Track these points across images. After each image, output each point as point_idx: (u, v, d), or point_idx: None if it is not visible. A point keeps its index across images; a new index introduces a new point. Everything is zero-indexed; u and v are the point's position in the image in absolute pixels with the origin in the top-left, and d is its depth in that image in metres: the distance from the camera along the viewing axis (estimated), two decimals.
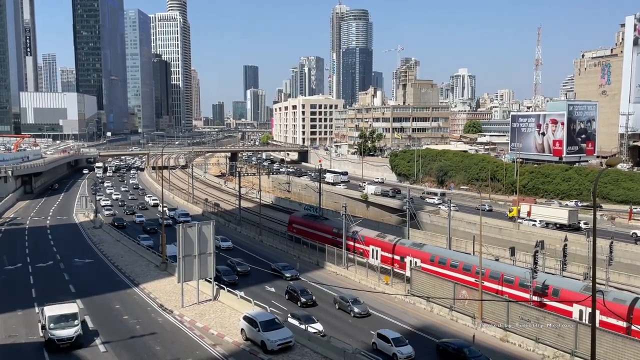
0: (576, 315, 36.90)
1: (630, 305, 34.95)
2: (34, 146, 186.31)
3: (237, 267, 53.49)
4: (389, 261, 53.90)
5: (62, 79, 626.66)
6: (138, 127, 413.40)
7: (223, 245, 64.58)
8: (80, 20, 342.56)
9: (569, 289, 39.15)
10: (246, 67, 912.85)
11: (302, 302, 43.64)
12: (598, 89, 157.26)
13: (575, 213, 79.48)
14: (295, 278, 51.16)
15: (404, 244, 54.70)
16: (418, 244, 55.07)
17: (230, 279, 48.97)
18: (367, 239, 57.63)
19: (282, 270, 52.68)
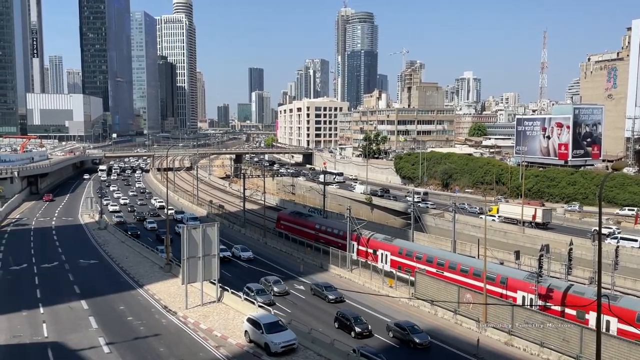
0: (519, 300, 41.50)
1: (564, 292, 39.26)
2: (39, 147, 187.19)
3: (273, 287, 46.77)
4: (364, 254, 58.42)
5: (69, 81, 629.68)
6: (143, 128, 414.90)
7: (244, 255, 60.30)
8: (87, 22, 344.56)
9: (514, 277, 43.54)
10: (251, 69, 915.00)
11: (357, 333, 36.88)
12: (604, 92, 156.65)
13: (549, 212, 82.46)
14: (341, 300, 45.01)
15: (377, 238, 58.51)
16: (389, 238, 58.64)
17: (265, 299, 42.35)
18: (346, 234, 60.75)
19: (324, 291, 45.96)
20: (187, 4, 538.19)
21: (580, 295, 38.35)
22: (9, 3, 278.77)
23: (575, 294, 38.74)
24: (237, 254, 59.98)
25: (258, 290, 43.91)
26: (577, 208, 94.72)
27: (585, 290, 39.27)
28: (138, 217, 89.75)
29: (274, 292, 45.98)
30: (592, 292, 38.02)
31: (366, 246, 58.76)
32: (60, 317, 39.05)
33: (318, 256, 59.69)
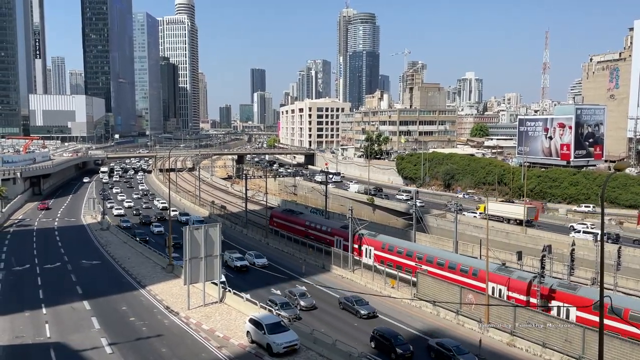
0: (490, 291, 42.61)
1: (529, 283, 41.77)
2: (42, 148, 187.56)
3: (299, 300, 43.40)
4: (348, 249, 59.28)
5: (71, 82, 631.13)
6: (145, 129, 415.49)
7: (258, 262, 57.96)
8: (89, 24, 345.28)
9: (485, 269, 44.02)
10: (253, 70, 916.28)
11: (398, 355, 33.55)
12: (606, 92, 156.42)
13: (533, 210, 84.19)
14: (374, 316, 41.58)
15: (363, 234, 60.43)
16: (372, 234, 60.72)
17: (290, 313, 39.50)
18: (333, 231, 65.08)
19: (355, 305, 42.66)
20: (189, 5, 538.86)
21: (571, 291, 40.20)
22: (12, 4, 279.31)
23: (566, 290, 40.40)
24: (251, 260, 58.25)
25: (282, 304, 40.69)
26: (591, 209, 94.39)
27: (547, 281, 41.45)
28: (144, 221, 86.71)
29: (300, 306, 42.53)
30: (555, 282, 41.68)
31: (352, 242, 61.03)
32: (62, 318, 39.13)
33: (320, 257, 59.70)
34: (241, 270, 55.57)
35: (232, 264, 56.94)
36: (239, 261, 57.12)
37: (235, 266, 56.38)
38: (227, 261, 56.99)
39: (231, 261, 57.33)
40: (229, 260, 57.41)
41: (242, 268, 55.91)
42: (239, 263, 56.76)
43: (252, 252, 60.88)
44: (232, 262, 57.11)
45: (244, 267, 56.30)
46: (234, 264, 56.72)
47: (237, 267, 56.17)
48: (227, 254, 57.46)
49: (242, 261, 57.13)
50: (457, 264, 48.69)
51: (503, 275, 44.06)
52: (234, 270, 55.50)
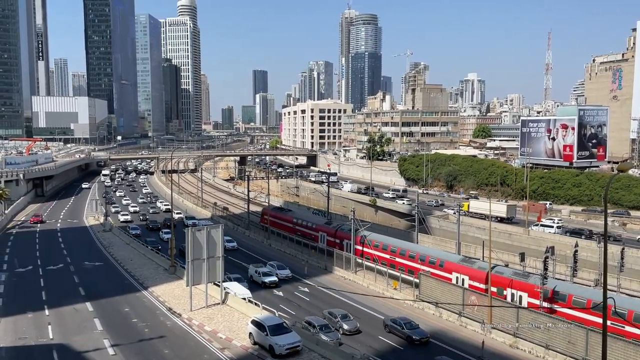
0: (454, 279, 46.94)
1: (487, 272, 43.78)
2: (45, 150, 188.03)
3: (342, 323, 38.51)
4: (332, 244, 63.20)
5: (74, 83, 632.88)
6: (148, 131, 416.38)
7: (281, 274, 52.75)
8: (92, 25, 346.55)
9: (451, 261, 49.39)
10: (255, 71, 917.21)
11: None
12: (609, 93, 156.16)
13: (513, 208, 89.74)
14: (426, 341, 37.16)
15: (344, 229, 62.95)
16: (355, 229, 61.82)
17: (332, 337, 35.21)
18: (318, 227, 68.20)
19: (404, 329, 37.63)
20: (191, 6, 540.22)
21: (500, 274, 44.54)
22: (15, 6, 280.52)
23: (497, 274, 44.43)
24: (274, 272, 52.70)
25: (321, 326, 36.38)
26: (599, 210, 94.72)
27: (504, 271, 45.57)
28: (151, 226, 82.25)
29: (343, 330, 38.02)
30: (510, 272, 45.57)
31: (334, 237, 64.09)
32: (65, 319, 39.16)
33: (322, 258, 59.67)
34: (270, 287, 49.95)
35: (259, 279, 50.98)
36: (268, 277, 50.84)
37: (264, 282, 50.33)
38: (252, 276, 52.07)
39: (258, 276, 51.35)
40: (254, 276, 51.82)
41: (271, 284, 50.10)
42: (267, 279, 50.49)
43: (274, 263, 55.87)
44: (259, 278, 51.08)
45: (272, 283, 50.42)
46: (262, 280, 50.58)
47: (266, 284, 50.15)
48: (252, 268, 52.97)
49: (271, 276, 50.98)
50: (427, 256, 52.16)
51: (466, 266, 47.74)
52: (262, 287, 49.75)
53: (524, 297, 41.94)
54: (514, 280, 43.20)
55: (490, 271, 43.13)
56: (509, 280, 43.49)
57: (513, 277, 43.64)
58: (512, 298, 42.50)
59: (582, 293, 40.29)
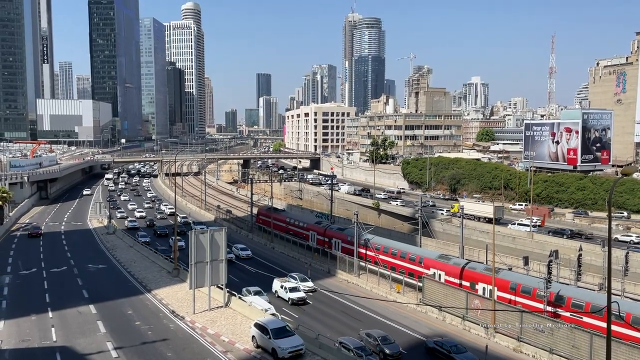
0: (431, 274, 49.36)
1: (462, 267, 47.99)
2: (49, 152, 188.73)
3: (383, 347, 34.81)
4: (322, 242, 66.59)
5: (78, 86, 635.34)
6: (152, 134, 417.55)
7: (305, 287, 49.03)
8: (97, 29, 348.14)
9: (429, 257, 52.32)
10: (259, 74, 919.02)
11: None
12: (613, 97, 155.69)
13: (500, 209, 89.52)
14: None
15: (332, 228, 66.98)
16: (341, 228, 66.40)
17: None
18: (309, 226, 70.89)
19: (452, 354, 34.01)
20: (195, 10, 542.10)
21: (473, 270, 47.27)
22: (20, 10, 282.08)
23: (470, 269, 47.44)
24: (298, 286, 48.38)
25: (358, 349, 33.19)
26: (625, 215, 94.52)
27: (476, 266, 48.23)
28: (159, 232, 79.18)
29: (384, 355, 34.37)
30: (482, 267, 48.06)
31: (324, 235, 66.74)
32: (68, 322, 39.24)
33: (325, 261, 59.66)
34: (298, 304, 45.62)
35: (285, 295, 46.50)
36: (294, 292, 46.25)
37: (291, 299, 45.73)
38: (276, 292, 47.81)
39: (284, 292, 46.77)
40: (279, 292, 47.42)
41: (300, 302, 45.67)
42: (295, 295, 45.92)
43: (296, 274, 51.73)
44: (285, 294, 46.54)
45: (301, 300, 45.86)
46: (288, 296, 46.03)
47: (294, 301, 45.58)
48: (276, 283, 48.43)
49: (298, 292, 46.52)
50: (407, 253, 54.86)
51: (443, 262, 50.51)
52: (289, 304, 45.57)
53: (494, 291, 43.36)
54: (484, 275, 45.61)
55: (464, 267, 47.05)
56: (481, 275, 46.11)
57: (484, 272, 46.11)
58: (483, 291, 44.87)
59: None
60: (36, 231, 77.78)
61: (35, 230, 78.06)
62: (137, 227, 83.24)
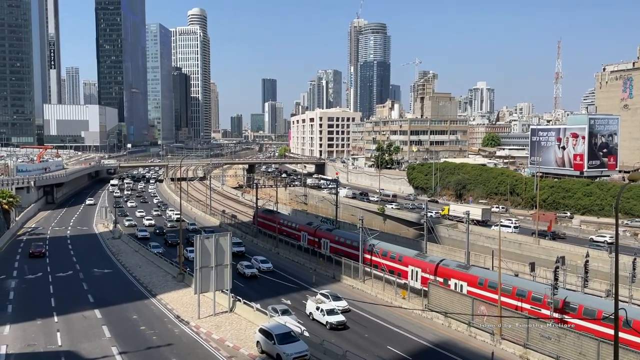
0: (410, 272, 52.79)
1: (437, 264, 50.82)
2: (56, 157, 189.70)
3: None
4: (312, 242, 70.46)
5: (85, 92, 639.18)
6: (158, 139, 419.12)
7: (339, 305, 43.51)
8: (104, 35, 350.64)
9: (408, 255, 55.06)
10: (264, 80, 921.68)
11: None
12: (620, 102, 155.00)
13: (488, 211, 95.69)
14: None
15: (322, 229, 71.16)
16: (330, 229, 71.77)
17: None
18: (300, 227, 75.30)
19: None
20: (201, 16, 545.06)
21: (447, 267, 50.12)
22: (28, 15, 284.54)
23: (444, 266, 50.31)
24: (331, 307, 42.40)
25: None
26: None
27: (449, 264, 50.74)
28: (170, 242, 75.46)
29: None
30: (454, 264, 50.80)
31: (314, 236, 70.68)
32: (74, 326, 39.27)
33: (330, 267, 59.47)
34: (337, 329, 40.14)
35: (322, 319, 40.83)
36: (333, 316, 40.51)
37: (330, 323, 40.18)
38: (311, 314, 42.38)
39: (320, 314, 41.25)
40: (315, 314, 41.86)
41: (339, 326, 40.10)
42: (334, 319, 40.22)
43: (327, 292, 46.62)
44: (322, 317, 40.97)
45: (341, 324, 40.23)
46: (326, 320, 40.43)
47: (333, 325, 40.03)
48: (311, 304, 42.80)
49: (337, 315, 40.87)
50: (388, 251, 57.63)
51: (420, 259, 53.49)
52: (328, 328, 40.29)
53: (464, 286, 47.10)
54: (456, 271, 48.68)
55: (439, 264, 50.67)
56: (453, 271, 49.00)
57: (456, 269, 49.28)
58: (455, 287, 47.69)
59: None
60: (38, 250, 66.08)
61: (37, 249, 66.16)
62: (147, 237, 78.37)
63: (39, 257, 64.72)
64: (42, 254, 65.63)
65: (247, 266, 57.64)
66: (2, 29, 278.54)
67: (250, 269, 57.06)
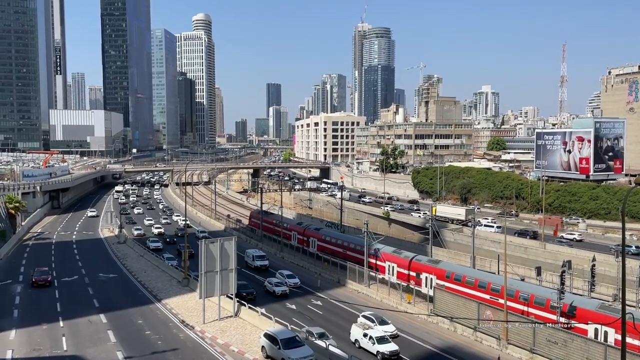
0: (387, 268, 56.76)
1: (410, 260, 54.66)
2: (61, 162, 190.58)
3: None
4: (301, 241, 73.96)
5: (90, 97, 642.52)
6: (163, 143, 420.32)
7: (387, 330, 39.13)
8: (109, 40, 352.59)
9: (385, 251, 58.61)
10: (269, 84, 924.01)
11: None
12: (625, 106, 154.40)
13: (472, 211, 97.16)
14: None
15: (310, 228, 75.83)
16: (317, 228, 76.25)
17: None
18: (291, 227, 78.96)
19: None
20: (206, 21, 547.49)
21: (419, 262, 53.78)
22: (34, 22, 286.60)
23: (416, 261, 54.09)
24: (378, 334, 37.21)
25: None
26: None
27: (421, 259, 54.84)
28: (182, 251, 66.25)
29: None
30: (426, 259, 54.87)
31: (303, 235, 74.64)
32: (79, 331, 39.34)
33: (335, 271, 59.36)
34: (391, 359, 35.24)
35: (372, 348, 35.86)
36: (385, 344, 35.57)
37: (382, 354, 35.07)
38: (357, 341, 37.34)
39: (370, 343, 36.21)
40: (361, 341, 36.90)
41: (392, 357, 35.04)
42: (386, 348, 35.09)
43: (371, 314, 41.59)
44: (372, 346, 35.95)
45: (394, 354, 35.14)
46: (378, 350, 35.34)
47: (386, 356, 34.95)
48: (356, 330, 38.01)
49: (388, 343, 35.94)
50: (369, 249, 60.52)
51: (395, 255, 57.08)
52: (379, 359, 35.33)
53: (433, 279, 50.62)
54: (427, 266, 52.53)
55: (412, 259, 54.63)
56: (424, 265, 52.94)
57: (427, 263, 53.36)
58: (426, 280, 51.42)
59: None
60: (43, 278, 54.11)
61: (41, 277, 54.16)
62: (160, 249, 73.68)
63: (45, 286, 52.94)
64: (48, 283, 53.64)
65: (277, 284, 52.27)
66: (9, 35, 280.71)
67: (280, 286, 51.58)
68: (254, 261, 63.25)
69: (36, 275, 55.00)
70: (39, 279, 54.08)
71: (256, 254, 64.75)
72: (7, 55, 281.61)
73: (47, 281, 54.01)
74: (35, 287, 52.71)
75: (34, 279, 54.11)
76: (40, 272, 56.03)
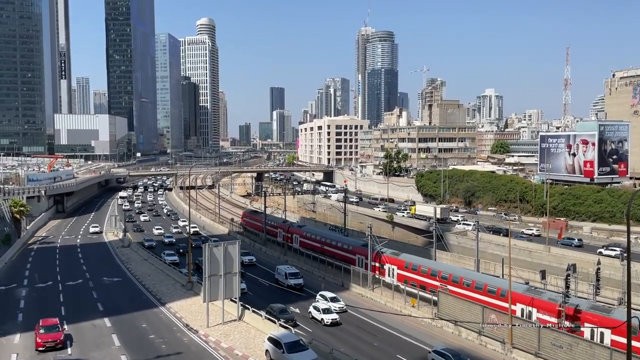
0: (357, 260, 62.16)
1: (377, 252, 59.12)
2: (66, 166, 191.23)
3: None
4: (286, 238, 79.94)
5: (95, 101, 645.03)
6: (167, 147, 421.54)
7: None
8: (113, 45, 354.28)
9: (355, 245, 65.08)
10: (272, 88, 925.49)
11: None
12: (630, 109, 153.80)
13: (447, 210, 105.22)
14: None
15: (294, 226, 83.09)
16: (300, 225, 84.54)
17: None
18: (277, 225, 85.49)
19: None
20: (210, 25, 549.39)
21: (396, 256, 58.14)
22: (39, 27, 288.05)
23: (393, 256, 58.41)
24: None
25: None
26: None
27: (385, 251, 59.27)
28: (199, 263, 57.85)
29: None
30: (390, 252, 59.18)
31: (287, 232, 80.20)
32: (83, 335, 39.40)
33: (339, 275, 59.30)
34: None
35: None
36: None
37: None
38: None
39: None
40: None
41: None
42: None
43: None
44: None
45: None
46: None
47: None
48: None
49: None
50: (342, 243, 67.94)
51: (363, 248, 60.68)
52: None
53: (395, 270, 56.24)
54: (390, 257, 57.92)
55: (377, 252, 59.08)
56: (388, 257, 58.04)
57: (390, 255, 58.64)
58: (389, 270, 57.12)
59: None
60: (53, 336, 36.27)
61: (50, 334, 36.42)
62: (177, 262, 67.11)
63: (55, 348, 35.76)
64: (62, 344, 36.23)
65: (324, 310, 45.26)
66: (14, 40, 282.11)
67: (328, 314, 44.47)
68: (286, 279, 56.06)
69: (41, 331, 36.56)
70: (46, 339, 35.72)
71: (289, 271, 57.60)
72: (12, 60, 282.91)
73: (60, 342, 36.12)
74: (41, 349, 35.43)
75: (38, 339, 35.85)
76: (47, 326, 37.07)
